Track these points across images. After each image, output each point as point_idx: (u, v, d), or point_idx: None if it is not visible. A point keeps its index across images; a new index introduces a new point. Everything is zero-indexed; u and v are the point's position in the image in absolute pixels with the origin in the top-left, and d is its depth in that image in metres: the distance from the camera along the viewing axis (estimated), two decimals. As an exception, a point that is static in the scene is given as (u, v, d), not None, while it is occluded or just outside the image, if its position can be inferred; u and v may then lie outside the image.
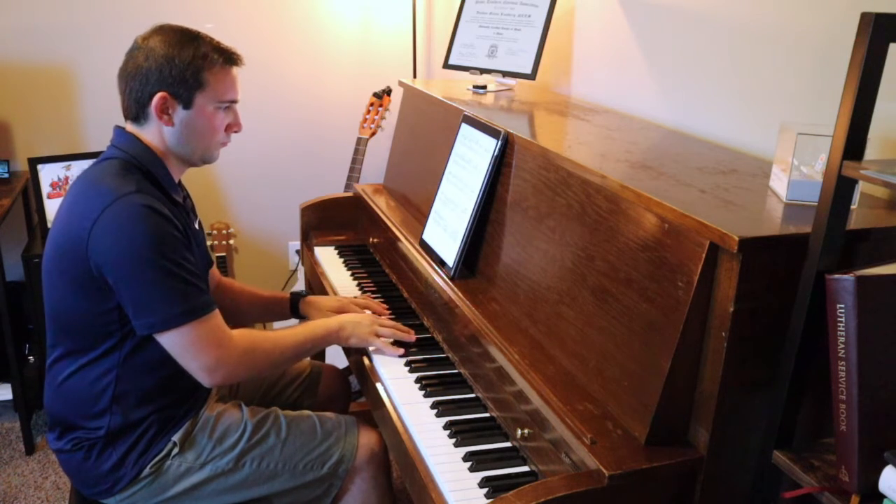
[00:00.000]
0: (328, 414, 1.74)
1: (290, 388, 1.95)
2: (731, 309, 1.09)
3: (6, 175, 2.73)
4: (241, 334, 1.55)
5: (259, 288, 1.99)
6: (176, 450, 1.56)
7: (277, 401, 1.88)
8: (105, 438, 1.53)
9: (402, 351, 1.73)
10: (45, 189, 2.74)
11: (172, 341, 1.46)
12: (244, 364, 1.54)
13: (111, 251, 1.41)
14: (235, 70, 1.57)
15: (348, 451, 1.65)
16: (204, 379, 1.50)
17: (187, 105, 1.51)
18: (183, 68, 1.48)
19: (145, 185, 1.49)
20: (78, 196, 1.49)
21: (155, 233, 1.42)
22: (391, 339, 1.75)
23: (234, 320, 1.95)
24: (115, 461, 1.53)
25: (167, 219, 1.45)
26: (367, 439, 1.68)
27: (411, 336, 1.77)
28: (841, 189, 1.01)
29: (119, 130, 1.57)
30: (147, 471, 1.54)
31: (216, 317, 1.50)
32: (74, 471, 1.59)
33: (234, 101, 1.58)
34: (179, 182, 1.63)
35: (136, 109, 1.53)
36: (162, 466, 1.55)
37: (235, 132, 1.61)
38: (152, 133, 1.54)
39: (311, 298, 1.95)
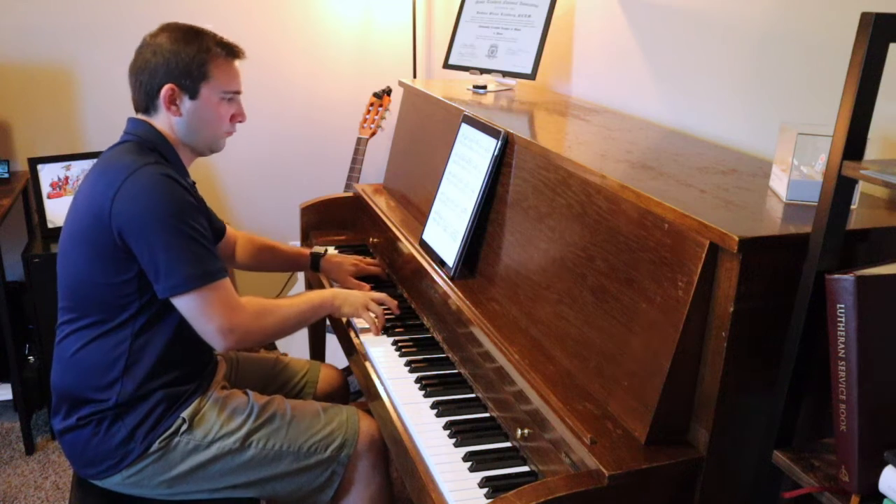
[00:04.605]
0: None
1: (289, 385, 1.96)
2: (731, 309, 1.10)
3: (6, 175, 2.73)
4: (248, 300, 1.62)
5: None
6: (185, 426, 1.59)
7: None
8: (115, 410, 1.56)
9: (380, 333, 1.84)
10: (45, 189, 2.74)
11: (189, 304, 1.53)
12: (256, 326, 1.60)
13: (133, 216, 1.48)
14: (237, 63, 1.67)
15: (350, 435, 1.68)
16: (219, 342, 1.56)
17: (193, 96, 1.61)
18: (189, 61, 1.58)
19: (162, 161, 1.58)
20: (99, 174, 1.56)
21: (174, 199, 1.50)
22: (377, 318, 1.86)
23: (255, 269, 2.17)
24: (124, 435, 1.56)
25: (184, 188, 1.54)
26: (367, 426, 1.71)
27: (395, 310, 1.90)
28: (841, 189, 1.01)
29: (133, 120, 1.65)
30: (156, 446, 1.57)
31: (228, 282, 1.58)
32: (80, 450, 1.59)
33: (238, 92, 1.67)
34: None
35: (145, 101, 1.62)
36: (170, 442, 1.58)
37: (240, 122, 1.70)
38: (162, 123, 1.63)
39: (332, 256, 2.13)
